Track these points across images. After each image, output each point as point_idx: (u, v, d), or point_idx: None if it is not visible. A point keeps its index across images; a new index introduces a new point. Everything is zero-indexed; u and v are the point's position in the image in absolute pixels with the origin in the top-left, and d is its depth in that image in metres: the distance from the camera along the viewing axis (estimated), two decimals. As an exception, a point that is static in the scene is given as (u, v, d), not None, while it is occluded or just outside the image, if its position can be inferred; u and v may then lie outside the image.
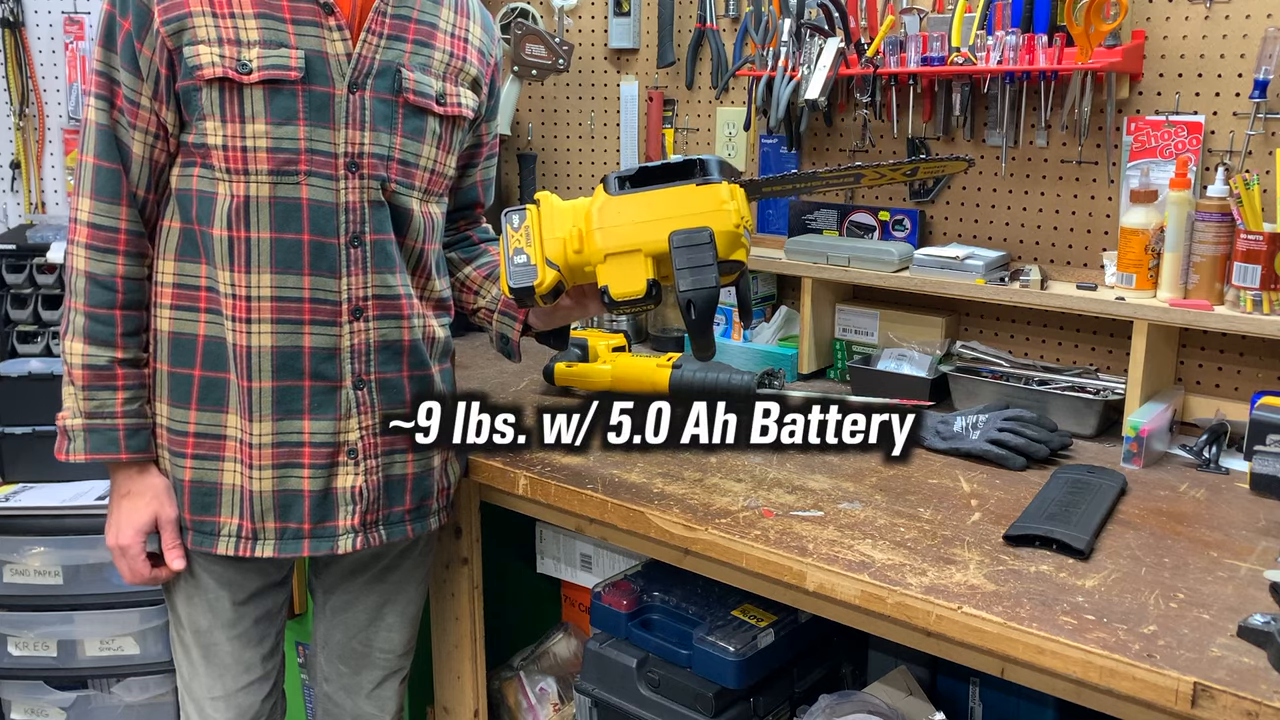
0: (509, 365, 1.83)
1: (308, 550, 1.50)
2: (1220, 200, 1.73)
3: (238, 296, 1.42)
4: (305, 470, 1.47)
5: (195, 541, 1.49)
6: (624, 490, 1.61)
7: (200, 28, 1.37)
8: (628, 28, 2.49)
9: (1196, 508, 1.55)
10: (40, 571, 2.19)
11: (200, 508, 1.48)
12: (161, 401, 1.48)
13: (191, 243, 1.44)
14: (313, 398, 1.46)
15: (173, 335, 1.46)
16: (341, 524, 1.50)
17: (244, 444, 1.45)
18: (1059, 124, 1.97)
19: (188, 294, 1.45)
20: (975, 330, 2.15)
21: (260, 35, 1.38)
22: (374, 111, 1.45)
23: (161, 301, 1.46)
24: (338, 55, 1.42)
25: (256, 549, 1.48)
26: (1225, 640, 1.17)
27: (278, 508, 1.47)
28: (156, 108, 1.41)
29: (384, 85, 1.45)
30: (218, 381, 1.45)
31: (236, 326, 1.43)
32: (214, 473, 1.47)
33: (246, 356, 1.43)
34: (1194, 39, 1.82)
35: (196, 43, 1.37)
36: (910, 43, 2.00)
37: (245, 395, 1.44)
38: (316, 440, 1.47)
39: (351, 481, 1.49)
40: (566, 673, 2.26)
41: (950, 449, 1.75)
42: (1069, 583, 1.30)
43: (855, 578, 1.33)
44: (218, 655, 1.57)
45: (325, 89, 1.41)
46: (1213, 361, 1.89)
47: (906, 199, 2.19)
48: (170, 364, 1.46)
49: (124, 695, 2.30)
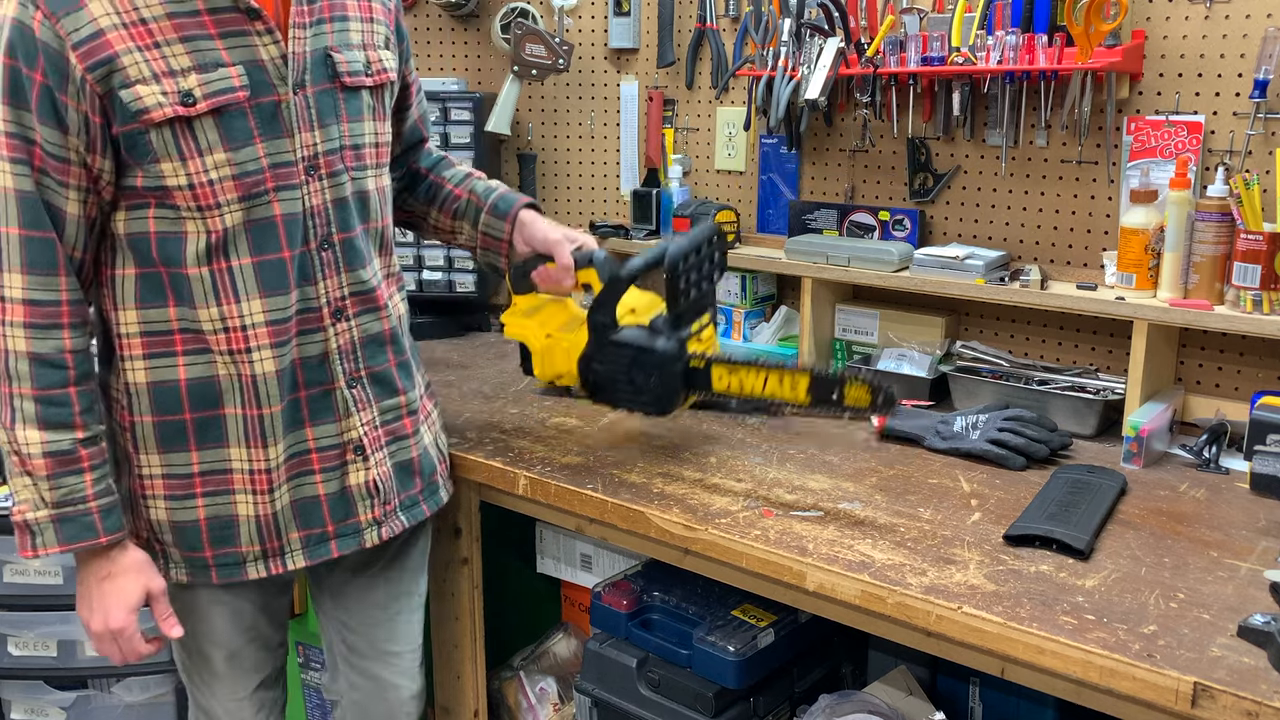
0: (509, 365, 1.83)
1: (336, 551, 1.50)
2: (1220, 200, 1.73)
3: (231, 329, 1.38)
4: (317, 475, 1.47)
5: (222, 576, 1.46)
6: (624, 490, 1.61)
7: (131, 67, 1.27)
8: (628, 27, 2.50)
9: (1196, 508, 1.55)
10: (40, 571, 2.19)
11: (219, 542, 1.45)
12: (152, 453, 1.42)
13: (155, 286, 1.37)
14: (310, 405, 1.46)
15: (151, 385, 1.39)
16: (363, 519, 1.51)
17: (255, 473, 1.43)
18: (1059, 124, 1.97)
19: (160, 339, 1.39)
20: (975, 330, 2.15)
21: (192, 60, 1.30)
22: (319, 106, 1.40)
23: (130, 353, 1.39)
24: (273, 59, 1.35)
25: (287, 563, 1.48)
26: (1225, 640, 1.17)
27: (298, 517, 1.47)
28: (90, 160, 1.31)
29: (320, 75, 1.40)
30: (213, 420, 1.41)
31: (238, 359, 1.39)
32: (227, 506, 1.44)
33: (253, 386, 1.40)
34: (1194, 39, 1.82)
35: (132, 84, 1.27)
36: (910, 42, 2.01)
37: (254, 424, 1.41)
38: (322, 445, 1.47)
39: (364, 477, 1.50)
40: (566, 673, 2.26)
41: (950, 449, 1.75)
42: (1069, 583, 1.31)
43: (855, 578, 1.33)
44: (240, 661, 1.58)
45: (270, 97, 1.35)
46: (1213, 361, 1.89)
47: (906, 199, 2.19)
48: (155, 414, 1.40)
49: (124, 695, 2.30)
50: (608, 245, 2.46)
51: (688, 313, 1.62)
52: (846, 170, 2.27)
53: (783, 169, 2.35)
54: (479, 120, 2.54)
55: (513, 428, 1.89)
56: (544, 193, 2.72)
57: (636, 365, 1.61)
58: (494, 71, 2.70)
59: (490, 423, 1.91)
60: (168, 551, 1.47)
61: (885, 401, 1.49)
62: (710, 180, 2.49)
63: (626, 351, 1.61)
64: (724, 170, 2.46)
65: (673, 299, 1.60)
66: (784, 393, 1.55)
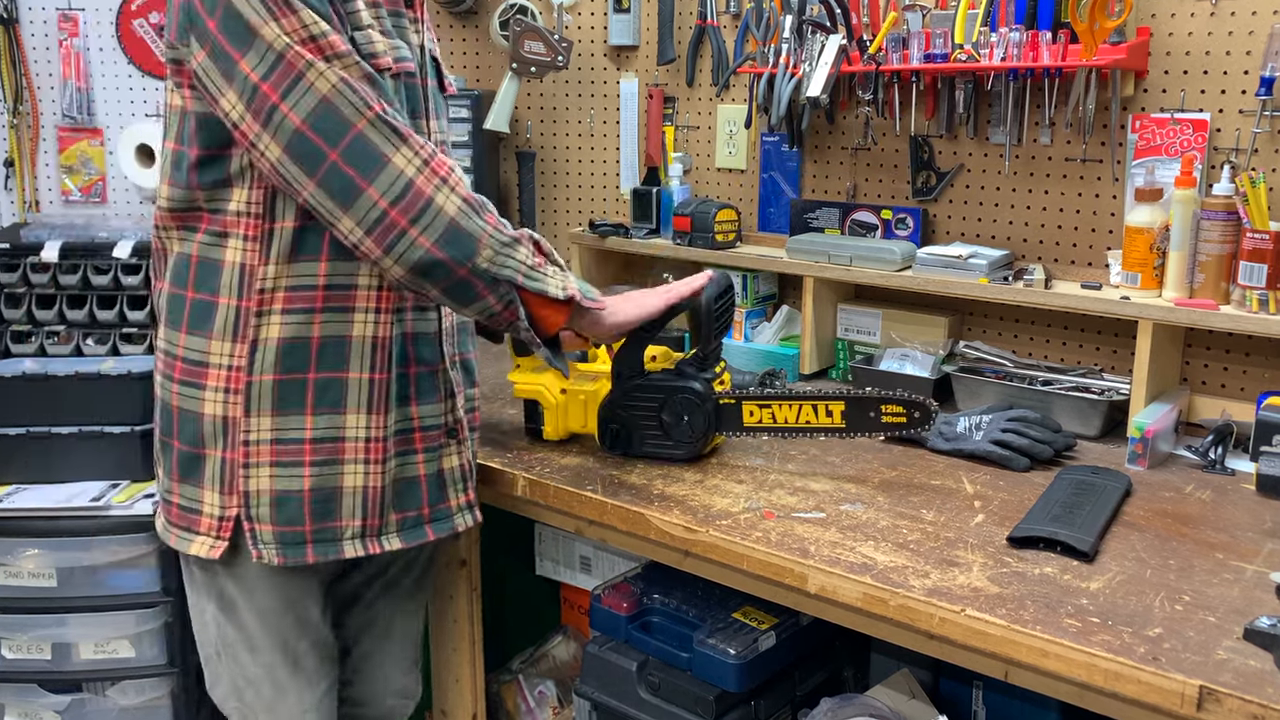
0: (505, 365, 1.83)
1: (431, 535, 1.52)
2: (1226, 199, 1.73)
3: (385, 287, 1.41)
4: (420, 455, 1.49)
5: (318, 552, 1.43)
6: (624, 491, 1.61)
7: (363, 10, 1.35)
8: (627, 24, 2.49)
9: (1202, 509, 1.55)
10: (34, 574, 2.19)
11: (321, 515, 1.43)
12: (265, 414, 1.40)
13: (313, 241, 1.38)
14: (418, 383, 1.48)
15: (283, 341, 1.39)
16: (454, 503, 1.54)
17: (368, 441, 1.43)
18: (1063, 122, 1.97)
19: (304, 295, 1.39)
20: (979, 330, 2.15)
21: (381, 27, 1.38)
22: (434, 100, 1.50)
23: (271, 308, 1.38)
24: (416, 46, 1.46)
25: (384, 543, 1.47)
26: (1231, 643, 1.17)
27: (396, 497, 1.48)
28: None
29: (432, 73, 1.51)
30: (333, 382, 1.41)
31: (379, 318, 1.42)
32: (334, 476, 1.43)
33: (384, 347, 1.42)
34: (1200, 35, 1.82)
35: (364, 27, 1.35)
36: (913, 39, 2.00)
37: (374, 388, 1.42)
38: (426, 424, 1.49)
39: (457, 461, 1.54)
40: (566, 676, 2.26)
41: (953, 450, 1.75)
42: (1073, 585, 1.30)
43: (857, 580, 1.33)
44: (304, 665, 1.54)
45: (418, 81, 1.45)
46: (1218, 361, 1.89)
47: (909, 197, 2.19)
48: (279, 371, 1.39)
49: (119, 699, 2.30)
50: (608, 244, 2.46)
51: (711, 357, 1.69)
52: (848, 168, 2.27)
53: (784, 167, 2.35)
54: (477, 118, 2.54)
55: (511, 428, 1.88)
56: (543, 191, 2.72)
57: (668, 408, 1.66)
58: (493, 69, 2.70)
59: (488, 423, 1.90)
60: (257, 531, 1.42)
61: (922, 417, 1.57)
62: (711, 179, 2.48)
63: (656, 396, 1.67)
64: (725, 168, 2.46)
65: (705, 340, 1.67)
66: (819, 420, 1.63)
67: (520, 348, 1.79)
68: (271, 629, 1.50)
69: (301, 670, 1.54)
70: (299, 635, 1.53)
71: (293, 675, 1.54)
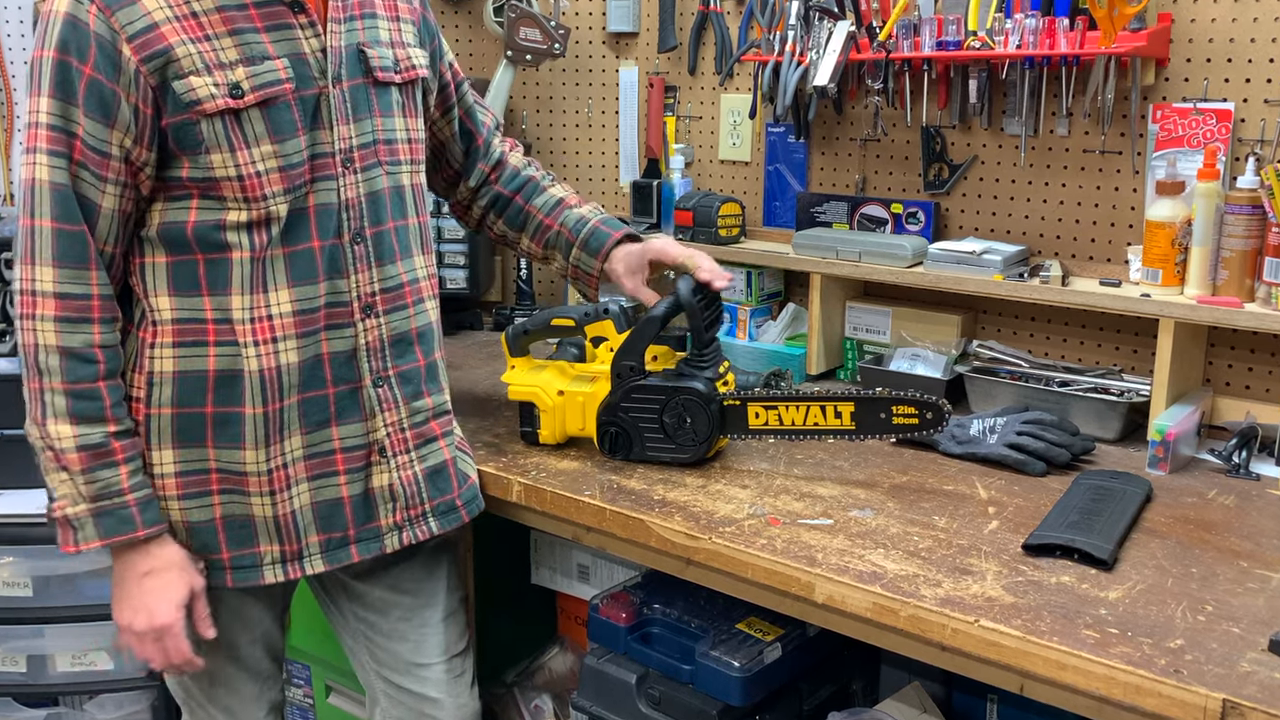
0: (501, 366, 1.84)
1: (356, 555, 1.53)
2: (1250, 192, 1.73)
3: (258, 319, 1.43)
4: (341, 477, 1.51)
5: (237, 579, 1.48)
6: (623, 496, 1.61)
7: (185, 58, 1.35)
8: (627, 10, 2.50)
9: (1225, 515, 1.55)
10: (9, 583, 2.19)
11: (238, 542, 1.48)
12: (167, 448, 1.45)
13: (189, 275, 1.43)
14: (337, 403, 1.50)
15: (178, 374, 1.44)
16: (384, 523, 1.55)
17: (270, 472, 1.46)
18: (1081, 112, 1.97)
19: (193, 328, 1.43)
20: (993, 329, 2.15)
21: (239, 53, 1.38)
22: (353, 100, 1.48)
23: (160, 340, 1.44)
24: (314, 52, 1.44)
25: (305, 566, 1.51)
26: (1256, 655, 1.17)
27: (318, 520, 1.50)
28: (134, 153, 1.38)
29: (355, 70, 1.48)
30: (230, 417, 1.44)
31: (262, 350, 1.43)
32: (244, 506, 1.47)
33: (275, 378, 1.44)
34: (1223, 22, 1.82)
35: (185, 75, 1.35)
36: (925, 26, 2.00)
37: (273, 420, 1.45)
38: (348, 445, 1.51)
39: (386, 480, 1.54)
40: (563, 689, 2.26)
41: (966, 453, 1.75)
42: (1091, 594, 1.30)
43: (867, 589, 1.33)
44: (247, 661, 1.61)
45: (312, 90, 1.43)
46: (1243, 362, 1.89)
47: (920, 190, 2.19)
48: (176, 405, 1.44)
49: (97, 713, 2.30)
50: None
51: (711, 356, 1.69)
52: (857, 160, 2.27)
53: (790, 159, 2.35)
54: (471, 108, 2.53)
55: (506, 431, 1.88)
56: (539, 184, 2.72)
57: (670, 409, 1.67)
58: (487, 57, 2.70)
59: (483, 425, 1.90)
60: None
61: (935, 418, 1.57)
62: (714, 171, 2.48)
63: (658, 396, 1.67)
64: (728, 160, 2.46)
65: (697, 332, 1.67)
66: (828, 422, 1.63)
67: (515, 348, 1.80)
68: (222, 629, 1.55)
69: (244, 665, 1.61)
70: (243, 634, 1.59)
71: (237, 670, 1.61)
